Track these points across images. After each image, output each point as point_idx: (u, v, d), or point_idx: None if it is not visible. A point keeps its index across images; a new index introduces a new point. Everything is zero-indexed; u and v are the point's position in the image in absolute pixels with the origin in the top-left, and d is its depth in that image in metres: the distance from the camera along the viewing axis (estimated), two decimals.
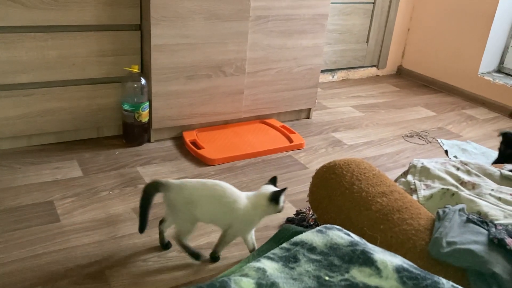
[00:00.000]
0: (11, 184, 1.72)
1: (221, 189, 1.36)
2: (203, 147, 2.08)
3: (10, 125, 1.88)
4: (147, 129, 2.10)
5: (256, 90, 2.29)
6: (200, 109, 2.18)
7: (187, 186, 1.35)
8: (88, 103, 1.99)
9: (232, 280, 0.68)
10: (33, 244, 1.43)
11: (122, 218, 1.59)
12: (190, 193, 1.34)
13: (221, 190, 1.36)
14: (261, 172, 1.97)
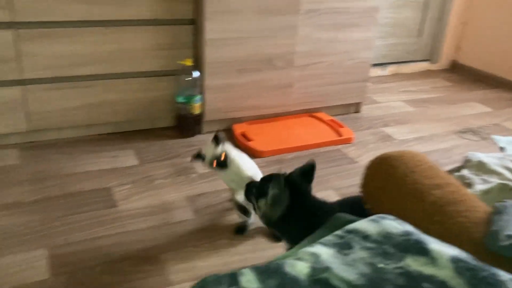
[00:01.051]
0: (72, 170, 1.82)
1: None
2: (252, 139, 2.11)
3: (72, 115, 1.99)
4: (199, 121, 2.16)
5: (306, 83, 2.30)
6: (250, 102, 2.21)
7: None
8: (144, 95, 2.07)
9: (287, 263, 0.70)
10: (92, 227, 1.51)
11: (175, 205, 1.65)
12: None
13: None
14: None
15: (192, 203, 1.67)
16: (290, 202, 1.10)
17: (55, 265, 1.34)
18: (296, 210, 1.10)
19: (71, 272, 1.32)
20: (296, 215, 1.10)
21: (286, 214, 1.11)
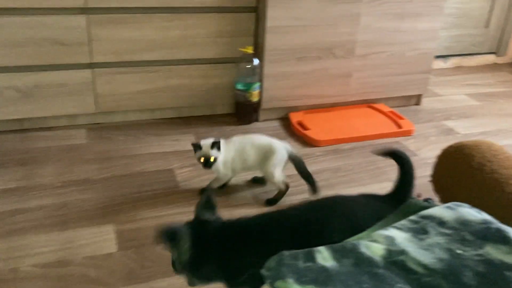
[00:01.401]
0: (137, 152, 1.89)
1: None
2: (309, 128, 2.11)
3: (137, 99, 2.06)
4: (257, 108, 2.18)
5: (365, 73, 2.26)
6: (308, 90, 2.21)
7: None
8: (204, 81, 2.12)
9: (362, 244, 0.70)
10: (156, 206, 1.57)
11: (236, 189, 1.69)
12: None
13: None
14: (367, 156, 1.96)
15: (251, 188, 1.70)
16: (191, 241, 1.00)
17: (122, 240, 1.41)
18: (203, 245, 1.00)
19: (137, 247, 1.38)
20: (205, 249, 1.00)
21: (194, 252, 0.99)
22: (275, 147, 1.62)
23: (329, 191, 1.70)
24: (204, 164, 1.56)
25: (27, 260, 1.30)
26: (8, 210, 1.51)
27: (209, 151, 1.55)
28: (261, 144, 1.62)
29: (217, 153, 1.56)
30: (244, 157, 1.61)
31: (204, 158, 1.55)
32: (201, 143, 1.56)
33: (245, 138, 1.64)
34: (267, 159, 1.60)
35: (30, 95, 1.91)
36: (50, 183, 1.66)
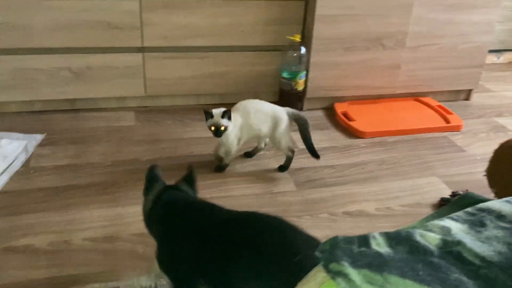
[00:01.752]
0: (183, 136, 1.93)
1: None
2: (354, 119, 2.09)
3: (184, 84, 2.10)
4: (301, 97, 2.18)
5: (414, 65, 2.21)
6: (354, 81, 2.18)
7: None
8: (250, 69, 2.13)
9: (417, 232, 0.70)
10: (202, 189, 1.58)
11: (277, 176, 1.70)
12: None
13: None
14: (413, 149, 1.92)
15: (293, 175, 1.71)
16: (156, 197, 1.09)
17: None
18: (160, 206, 1.08)
19: None
20: (157, 211, 1.07)
21: (152, 208, 1.08)
22: (280, 115, 1.66)
23: (373, 183, 1.68)
24: (215, 133, 1.59)
25: (79, 234, 1.36)
26: (61, 185, 1.58)
27: (219, 120, 1.57)
28: (265, 111, 1.65)
29: (228, 122, 1.58)
30: (250, 123, 1.64)
31: (215, 127, 1.58)
32: (212, 112, 1.58)
33: (249, 104, 1.66)
34: (274, 127, 1.65)
35: (82, 76, 1.98)
36: (101, 162, 1.72)
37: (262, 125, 1.66)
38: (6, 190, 1.54)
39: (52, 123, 1.96)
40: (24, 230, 1.37)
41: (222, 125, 1.57)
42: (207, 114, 1.59)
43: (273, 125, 1.66)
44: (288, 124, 1.68)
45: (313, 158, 1.71)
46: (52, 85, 1.96)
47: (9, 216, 1.42)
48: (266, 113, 1.65)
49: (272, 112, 1.66)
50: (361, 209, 1.54)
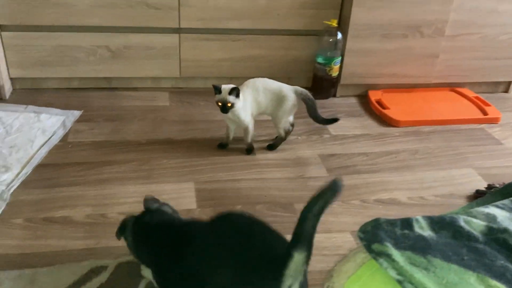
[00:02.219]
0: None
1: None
2: (388, 107, 2.06)
3: (217, 66, 2.11)
4: (335, 84, 2.16)
5: (452, 55, 2.16)
6: (389, 69, 2.15)
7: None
8: (285, 53, 2.12)
9: (462, 218, 0.69)
10: (234, 170, 1.62)
11: (309, 162, 1.70)
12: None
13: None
14: (448, 140, 1.89)
15: (325, 161, 1.70)
16: (132, 229, 1.10)
17: (200, 198, 1.47)
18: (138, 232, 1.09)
19: (215, 206, 1.44)
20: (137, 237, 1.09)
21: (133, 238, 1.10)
22: (287, 94, 1.66)
23: (406, 172, 1.66)
24: (221, 109, 1.58)
25: (115, 208, 1.40)
26: (98, 161, 1.62)
27: (226, 96, 1.55)
28: (273, 89, 1.65)
29: (235, 99, 1.56)
30: (258, 100, 1.64)
31: (222, 103, 1.57)
32: (221, 87, 1.57)
33: (258, 82, 1.66)
34: (279, 105, 1.66)
35: (119, 55, 2.00)
36: (135, 140, 1.75)
37: (269, 102, 1.66)
38: (45, 162, 1.59)
39: (89, 100, 2.00)
40: (62, 202, 1.41)
41: (228, 102, 1.56)
42: (215, 89, 1.58)
43: (278, 103, 1.66)
44: (293, 103, 1.68)
45: (334, 123, 1.75)
46: (90, 63, 2.00)
47: (48, 188, 1.47)
48: (273, 91, 1.66)
49: (279, 91, 1.66)
50: (393, 198, 1.53)
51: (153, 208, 1.12)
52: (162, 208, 1.13)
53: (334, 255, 1.28)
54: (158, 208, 1.12)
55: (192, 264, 0.89)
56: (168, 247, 0.97)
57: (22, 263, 1.18)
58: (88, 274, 1.15)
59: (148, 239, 1.05)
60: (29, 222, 1.32)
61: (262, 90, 1.65)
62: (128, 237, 1.10)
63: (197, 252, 0.89)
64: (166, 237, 1.01)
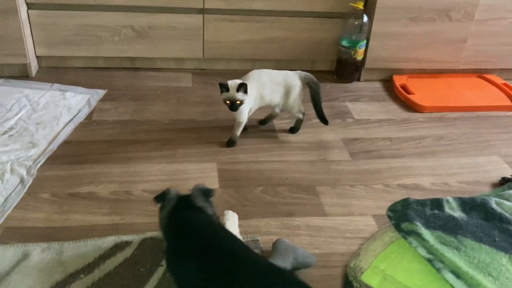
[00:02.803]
0: None
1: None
2: (413, 92, 2.03)
3: (240, 48, 2.10)
4: (359, 67, 2.13)
5: (481, 40, 2.10)
6: (415, 54, 2.10)
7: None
8: (309, 35, 2.10)
9: (493, 200, 0.68)
10: (256, 152, 1.62)
11: (331, 145, 1.69)
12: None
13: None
14: (474, 127, 1.85)
15: (347, 145, 1.69)
16: (170, 211, 1.07)
17: (223, 178, 1.48)
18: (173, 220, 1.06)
19: (237, 187, 1.44)
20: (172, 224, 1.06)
21: (168, 222, 1.07)
22: (293, 82, 1.62)
23: (431, 158, 1.64)
24: (230, 107, 1.54)
25: (139, 186, 1.42)
26: (122, 139, 1.63)
27: (235, 94, 1.51)
28: (278, 81, 1.61)
29: (244, 96, 1.52)
30: (263, 93, 1.60)
31: (230, 101, 1.53)
32: (228, 84, 1.52)
33: (263, 74, 1.61)
34: (287, 95, 1.62)
35: (143, 36, 2.01)
36: (159, 120, 1.76)
37: (274, 95, 1.62)
38: (71, 140, 1.61)
39: (113, 80, 2.01)
40: (88, 179, 1.43)
41: (238, 99, 1.52)
42: (222, 87, 1.52)
43: (286, 93, 1.62)
44: (301, 89, 1.65)
45: (322, 123, 1.70)
46: (115, 43, 2.01)
47: (74, 165, 1.49)
48: (279, 82, 1.61)
49: (285, 81, 1.61)
50: (417, 183, 1.52)
51: (197, 204, 1.08)
52: (206, 209, 1.09)
53: (356, 238, 1.28)
54: (202, 208, 1.08)
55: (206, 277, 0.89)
56: (192, 252, 0.95)
57: (49, 236, 1.21)
58: (112, 248, 1.18)
59: (178, 231, 1.03)
60: (56, 197, 1.35)
61: (267, 84, 1.60)
62: (164, 213, 1.08)
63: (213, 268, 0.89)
64: (193, 240, 0.98)
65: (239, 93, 1.51)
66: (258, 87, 1.59)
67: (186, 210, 1.07)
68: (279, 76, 1.63)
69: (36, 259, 1.13)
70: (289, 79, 1.63)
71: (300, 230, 1.29)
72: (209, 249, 0.94)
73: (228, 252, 0.93)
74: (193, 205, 1.08)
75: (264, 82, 1.60)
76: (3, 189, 1.35)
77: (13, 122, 1.66)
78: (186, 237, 1.00)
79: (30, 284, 1.06)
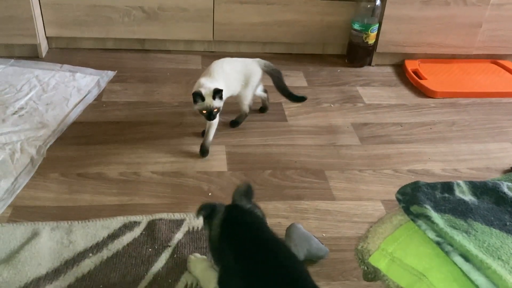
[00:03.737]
0: None
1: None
2: (425, 78, 2.00)
3: (251, 31, 2.08)
4: (371, 52, 2.10)
5: (497, 25, 2.06)
6: (428, 38, 2.07)
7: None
8: (320, 18, 2.07)
9: (505, 184, 0.67)
10: (265, 135, 1.61)
11: (341, 130, 1.67)
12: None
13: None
14: (487, 113, 1.83)
15: (357, 130, 1.67)
16: (221, 222, 0.94)
17: (231, 161, 1.47)
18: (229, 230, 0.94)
19: (245, 169, 1.44)
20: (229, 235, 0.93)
21: (222, 234, 0.94)
22: (252, 69, 1.54)
23: (441, 144, 1.62)
24: (208, 117, 1.39)
25: (148, 167, 1.42)
26: (131, 121, 1.63)
27: (211, 102, 1.37)
28: (240, 69, 1.52)
29: (220, 102, 1.40)
30: (229, 84, 1.48)
31: (207, 110, 1.38)
32: (202, 92, 1.37)
33: (225, 65, 1.50)
34: (246, 83, 1.53)
35: (153, 17, 1.99)
36: (168, 102, 1.76)
37: (238, 84, 1.52)
38: (81, 120, 1.62)
39: (123, 61, 2.01)
40: (97, 159, 1.44)
41: (216, 107, 1.39)
42: (197, 96, 1.37)
43: (246, 81, 1.53)
44: (260, 77, 1.57)
45: (300, 102, 1.67)
46: (125, 24, 2.00)
47: (83, 145, 1.50)
48: (240, 71, 1.52)
49: (246, 68, 1.53)
50: (427, 169, 1.50)
51: (246, 207, 0.98)
52: (255, 211, 0.99)
53: (364, 223, 1.27)
54: (251, 210, 0.98)
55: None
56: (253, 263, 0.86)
57: (59, 215, 1.22)
58: (121, 228, 1.19)
59: (235, 241, 0.91)
60: (65, 177, 1.36)
61: (232, 73, 1.50)
62: (213, 227, 0.95)
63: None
64: (254, 249, 0.88)
65: (215, 100, 1.38)
66: (225, 78, 1.47)
67: (242, 224, 0.95)
68: (240, 64, 1.54)
69: (46, 237, 1.14)
70: (250, 67, 1.55)
71: (308, 213, 1.29)
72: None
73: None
74: (245, 216, 0.96)
75: (228, 72, 1.50)
76: (13, 168, 1.36)
77: (23, 102, 1.66)
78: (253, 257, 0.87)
79: (39, 262, 1.08)
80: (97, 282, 1.05)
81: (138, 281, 1.05)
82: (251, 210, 0.98)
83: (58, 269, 1.07)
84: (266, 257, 0.85)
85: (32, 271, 1.06)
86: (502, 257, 0.53)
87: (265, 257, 0.85)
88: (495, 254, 0.54)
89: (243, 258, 0.87)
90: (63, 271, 1.06)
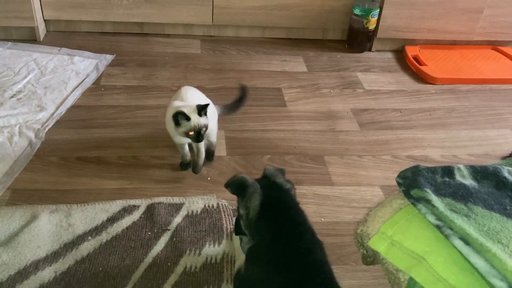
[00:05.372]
0: (247, 67, 1.92)
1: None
2: (425, 64, 1.99)
3: (251, 15, 2.06)
4: (371, 37, 2.09)
5: (499, 11, 2.04)
6: (429, 24, 2.05)
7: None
8: (321, 3, 2.04)
9: (506, 169, 0.67)
10: (264, 120, 1.61)
11: (340, 115, 1.67)
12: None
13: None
14: (487, 100, 1.82)
15: (357, 116, 1.67)
16: (261, 201, 0.88)
17: (230, 146, 1.47)
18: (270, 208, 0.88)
19: (245, 155, 1.44)
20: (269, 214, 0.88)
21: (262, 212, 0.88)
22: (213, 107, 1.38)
23: (441, 130, 1.62)
24: (196, 138, 1.20)
25: (146, 151, 1.41)
26: (130, 105, 1.63)
27: (198, 119, 1.18)
28: (207, 99, 1.34)
29: (206, 119, 1.20)
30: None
31: (195, 131, 1.18)
32: (185, 111, 1.17)
33: (193, 91, 1.36)
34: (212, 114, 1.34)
35: (152, 0, 1.97)
36: (167, 86, 1.75)
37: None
38: (79, 104, 1.61)
39: (122, 45, 1.99)
40: (96, 143, 1.43)
41: (204, 125, 1.19)
42: (181, 116, 1.17)
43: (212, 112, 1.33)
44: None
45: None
46: (123, 7, 1.97)
47: (82, 129, 1.49)
48: (208, 100, 1.33)
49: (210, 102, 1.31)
50: (426, 155, 1.50)
51: (284, 187, 0.93)
52: (291, 191, 0.94)
53: (362, 208, 1.28)
54: (289, 190, 0.93)
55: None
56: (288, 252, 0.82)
57: (58, 198, 1.22)
58: (120, 212, 1.19)
59: (273, 223, 0.87)
60: (64, 160, 1.36)
61: (202, 99, 1.34)
62: (251, 206, 0.88)
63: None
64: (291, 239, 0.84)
65: (202, 118, 1.19)
66: (198, 101, 1.26)
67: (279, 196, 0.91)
68: (204, 95, 1.38)
69: (45, 220, 1.14)
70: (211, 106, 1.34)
71: (307, 198, 1.29)
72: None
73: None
74: (284, 199, 0.91)
75: (199, 96, 1.36)
76: (11, 151, 1.35)
77: (21, 85, 1.65)
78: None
79: (38, 245, 1.08)
80: (96, 265, 1.05)
81: (137, 264, 1.06)
82: (289, 190, 0.93)
83: (57, 252, 1.07)
84: (297, 244, 0.82)
85: (32, 253, 1.06)
86: (502, 241, 0.54)
87: (296, 243, 0.82)
88: (495, 237, 0.54)
89: (278, 243, 0.83)
90: (62, 253, 1.07)
